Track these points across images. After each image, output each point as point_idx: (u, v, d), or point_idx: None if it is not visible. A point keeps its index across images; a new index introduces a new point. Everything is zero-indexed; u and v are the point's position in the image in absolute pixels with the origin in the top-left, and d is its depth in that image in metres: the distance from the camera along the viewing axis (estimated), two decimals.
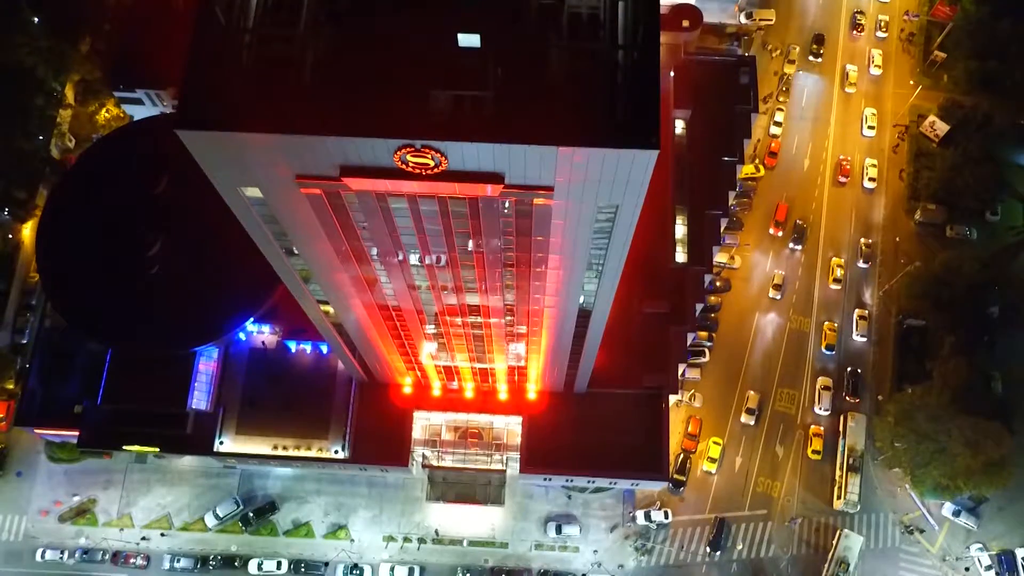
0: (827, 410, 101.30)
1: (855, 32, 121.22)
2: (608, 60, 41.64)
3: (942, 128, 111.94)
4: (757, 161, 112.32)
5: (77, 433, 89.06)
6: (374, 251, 54.13)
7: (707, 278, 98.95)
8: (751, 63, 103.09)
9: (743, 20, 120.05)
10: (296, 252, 54.94)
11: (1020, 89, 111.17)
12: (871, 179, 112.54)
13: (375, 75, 40.74)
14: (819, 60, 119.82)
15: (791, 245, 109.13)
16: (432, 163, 41.08)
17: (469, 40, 41.23)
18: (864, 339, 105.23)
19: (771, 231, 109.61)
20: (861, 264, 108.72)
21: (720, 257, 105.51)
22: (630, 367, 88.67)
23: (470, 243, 51.81)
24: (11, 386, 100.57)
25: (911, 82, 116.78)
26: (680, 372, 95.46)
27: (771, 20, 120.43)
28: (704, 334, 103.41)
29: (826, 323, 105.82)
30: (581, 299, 61.63)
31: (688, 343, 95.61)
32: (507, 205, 46.67)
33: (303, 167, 43.23)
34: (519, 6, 42.74)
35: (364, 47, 41.70)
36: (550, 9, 43.12)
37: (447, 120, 40.01)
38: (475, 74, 40.86)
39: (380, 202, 46.93)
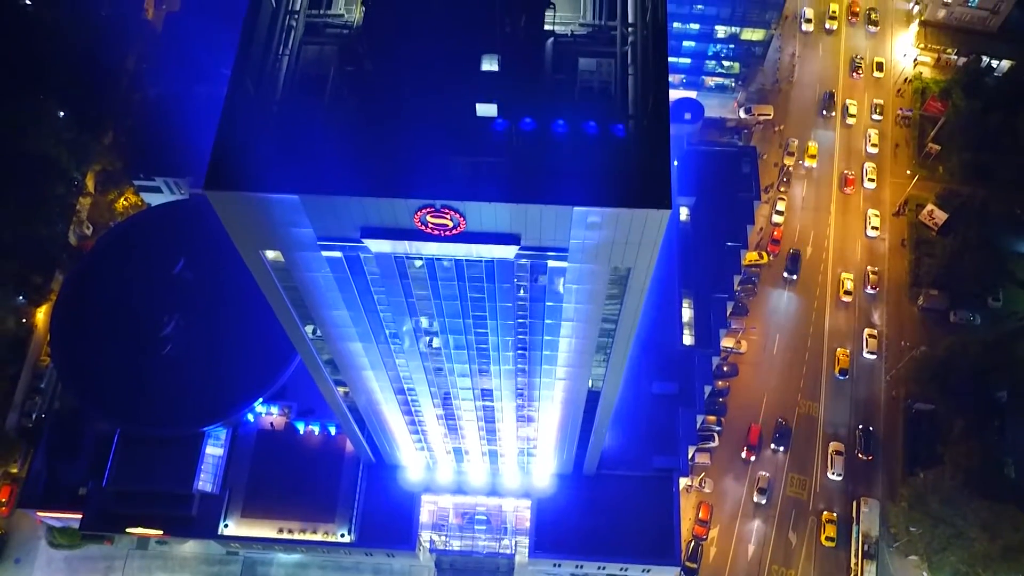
0: (840, 475, 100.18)
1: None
2: (619, 127, 43.50)
3: (940, 216, 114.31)
4: (764, 253, 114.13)
5: (80, 516, 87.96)
6: (391, 318, 54.98)
7: (714, 361, 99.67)
8: (752, 153, 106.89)
9: (742, 115, 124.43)
10: (313, 321, 55.80)
11: (1014, 180, 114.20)
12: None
13: (396, 142, 42.59)
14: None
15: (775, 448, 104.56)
16: (451, 223, 42.46)
17: (487, 110, 43.37)
18: (874, 355, 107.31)
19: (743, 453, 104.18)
20: (870, 288, 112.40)
21: (727, 342, 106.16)
22: (639, 449, 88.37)
23: (485, 308, 52.71)
24: (15, 470, 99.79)
25: (908, 172, 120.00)
26: (690, 456, 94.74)
27: (769, 115, 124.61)
28: (712, 418, 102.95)
29: (839, 349, 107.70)
30: (591, 377, 62.05)
31: (697, 427, 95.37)
32: (522, 265, 47.71)
33: (325, 229, 44.57)
34: (533, 79, 45.04)
35: (386, 116, 43.75)
36: (563, 83, 45.52)
37: (466, 182, 41.60)
38: (493, 141, 42.78)
39: (398, 266, 48.14)
